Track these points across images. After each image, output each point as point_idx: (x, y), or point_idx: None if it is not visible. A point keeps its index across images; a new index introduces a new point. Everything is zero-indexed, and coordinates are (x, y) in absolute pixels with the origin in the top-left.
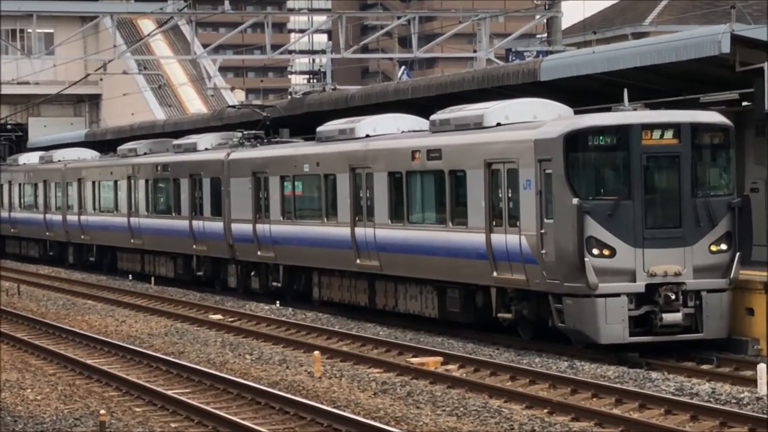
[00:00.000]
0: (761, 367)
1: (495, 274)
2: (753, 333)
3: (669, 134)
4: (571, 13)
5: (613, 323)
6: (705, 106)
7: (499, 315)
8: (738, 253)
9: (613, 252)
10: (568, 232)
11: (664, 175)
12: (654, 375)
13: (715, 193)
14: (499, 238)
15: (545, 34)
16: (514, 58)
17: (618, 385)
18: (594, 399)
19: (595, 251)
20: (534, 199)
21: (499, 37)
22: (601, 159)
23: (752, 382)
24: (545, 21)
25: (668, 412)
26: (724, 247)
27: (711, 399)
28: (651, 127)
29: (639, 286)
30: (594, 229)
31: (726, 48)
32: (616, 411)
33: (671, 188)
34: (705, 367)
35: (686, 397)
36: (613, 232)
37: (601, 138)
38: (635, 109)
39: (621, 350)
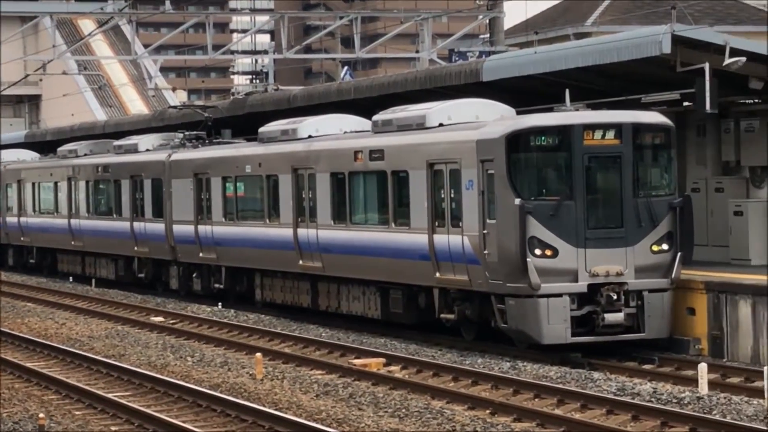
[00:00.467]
0: (702, 366)
1: (438, 274)
2: (694, 333)
3: (611, 134)
4: (513, 14)
5: (555, 323)
6: (646, 107)
7: (442, 316)
8: (679, 253)
9: (555, 252)
10: (511, 233)
11: (605, 175)
12: (596, 375)
13: (656, 193)
14: (441, 239)
15: (488, 35)
16: (456, 58)
17: (560, 386)
18: (536, 399)
19: (538, 251)
20: (476, 200)
21: (442, 38)
22: (543, 159)
23: (693, 381)
24: (488, 21)
25: (610, 412)
26: (665, 247)
27: (652, 399)
28: (593, 127)
29: (581, 286)
30: (536, 229)
31: (667, 48)
32: (558, 411)
33: (613, 188)
34: (646, 367)
35: (628, 397)
36: (555, 233)
37: (543, 138)
38: (577, 110)
39: (563, 350)
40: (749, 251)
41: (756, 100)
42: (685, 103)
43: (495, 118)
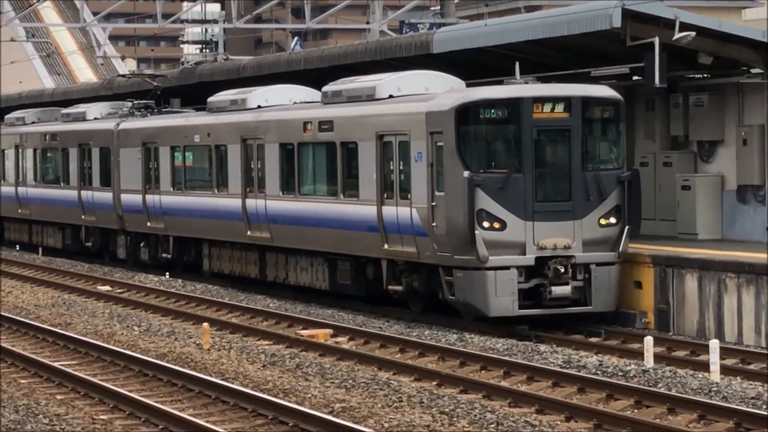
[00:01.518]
0: (648, 339)
1: (386, 246)
2: (641, 306)
3: (560, 108)
4: None
5: (502, 296)
6: (596, 80)
7: (390, 287)
8: (627, 227)
9: (503, 225)
10: (459, 205)
11: (554, 148)
12: (542, 348)
13: (605, 167)
14: (390, 211)
15: (438, 7)
16: (407, 30)
17: (507, 358)
18: (483, 371)
19: (486, 224)
20: (425, 172)
21: (393, 9)
22: (492, 132)
23: (639, 354)
24: None
25: (556, 384)
26: (613, 220)
27: (598, 371)
28: (542, 100)
29: (529, 259)
30: (485, 202)
31: (617, 22)
32: (504, 383)
33: (561, 162)
34: (593, 339)
35: (574, 370)
36: (504, 206)
37: (492, 111)
38: (527, 83)
39: (510, 323)
40: (696, 225)
41: (705, 75)
42: (635, 78)
43: (445, 91)
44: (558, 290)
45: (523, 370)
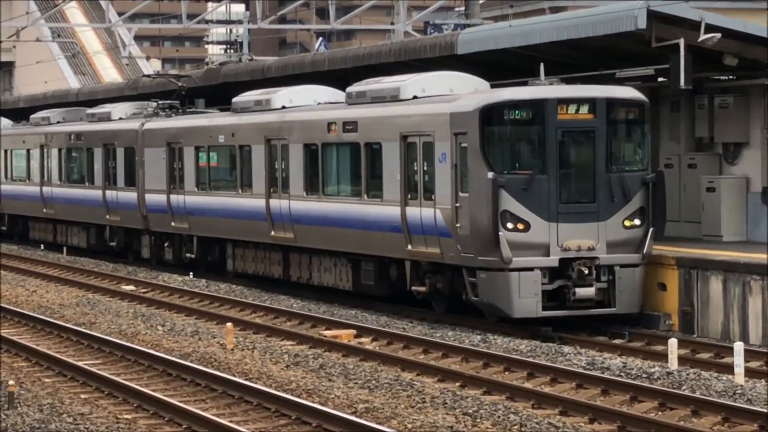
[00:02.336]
0: (672, 341)
1: (409, 247)
2: (665, 308)
3: (584, 109)
4: None
5: (526, 297)
6: (620, 82)
7: (413, 288)
8: (651, 229)
9: (527, 226)
10: (483, 206)
11: (579, 150)
12: (566, 349)
13: (629, 168)
14: (413, 212)
15: (463, 8)
16: (432, 31)
17: (530, 359)
18: (506, 373)
19: (510, 225)
20: (449, 173)
21: (418, 10)
22: (517, 133)
23: (663, 356)
24: None
25: (579, 386)
26: (637, 222)
27: (622, 373)
28: (566, 101)
29: (552, 260)
30: (509, 203)
31: (642, 23)
32: (527, 385)
33: (586, 163)
34: (617, 341)
35: (597, 372)
36: (528, 207)
37: (516, 112)
38: (551, 84)
39: (534, 324)
40: (721, 227)
41: (730, 77)
42: (660, 79)
43: (469, 92)
44: (582, 292)
45: (546, 371)
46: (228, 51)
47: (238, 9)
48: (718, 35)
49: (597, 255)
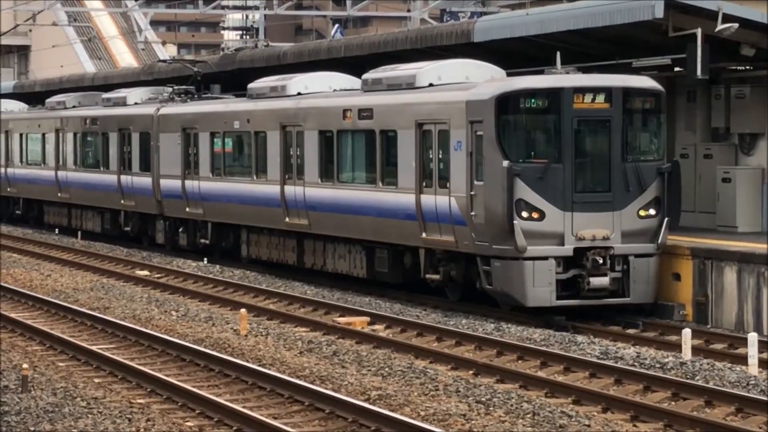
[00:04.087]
0: (686, 332)
1: (424, 235)
2: (679, 298)
3: (600, 98)
4: None
5: (540, 286)
6: (637, 71)
7: (428, 276)
8: (666, 219)
9: (542, 215)
10: (498, 195)
11: (594, 139)
12: (580, 338)
13: (645, 158)
14: (428, 199)
15: None
16: (448, 18)
17: (543, 348)
18: (519, 361)
19: (524, 214)
20: (465, 161)
21: None
22: (532, 122)
23: (677, 347)
24: None
25: (593, 375)
26: (652, 212)
27: (635, 363)
28: (582, 90)
29: (567, 249)
30: (524, 191)
31: (659, 13)
32: (541, 374)
33: (601, 152)
34: (630, 331)
35: (611, 361)
36: (543, 195)
37: (532, 101)
38: (567, 73)
39: (548, 313)
40: (736, 218)
41: (747, 67)
42: (676, 69)
43: (485, 80)
44: (596, 281)
45: (560, 360)
46: (244, 37)
47: None
48: (736, 25)
49: (611, 244)
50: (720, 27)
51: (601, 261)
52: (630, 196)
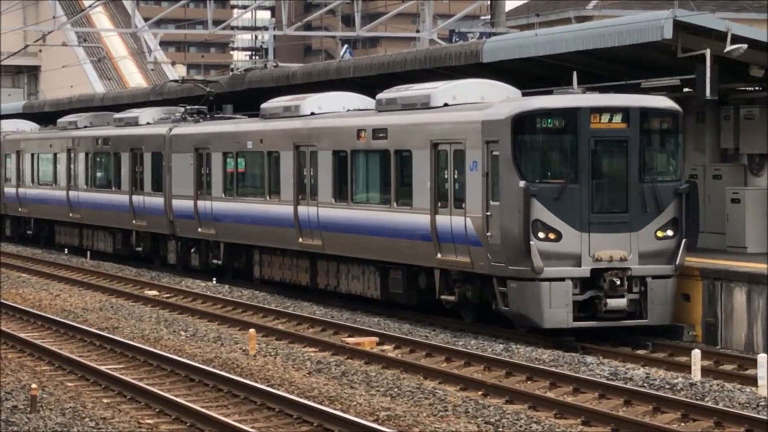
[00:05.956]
0: (695, 353)
1: (439, 255)
2: (689, 319)
3: (618, 118)
4: None
5: (557, 308)
6: (646, 92)
7: (443, 297)
8: (684, 240)
9: (558, 236)
10: (514, 215)
11: (611, 159)
12: (589, 359)
13: (662, 178)
14: (443, 220)
15: (489, 16)
16: (457, 39)
17: (553, 369)
18: (528, 382)
19: (541, 235)
20: (480, 181)
21: (443, 18)
22: (549, 142)
23: (686, 367)
24: (489, 2)
25: (602, 396)
26: (670, 233)
27: (645, 384)
28: (600, 110)
29: (584, 270)
30: (540, 212)
31: (668, 33)
32: (550, 394)
33: (619, 173)
34: (640, 352)
35: (620, 382)
36: (560, 216)
37: (549, 120)
38: (584, 92)
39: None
40: (746, 239)
41: (756, 88)
42: (685, 89)
43: (500, 99)
44: (613, 303)
45: (569, 381)
46: (253, 57)
47: (264, 15)
48: (745, 46)
49: (629, 266)
50: (729, 48)
51: (618, 282)
52: (647, 217)
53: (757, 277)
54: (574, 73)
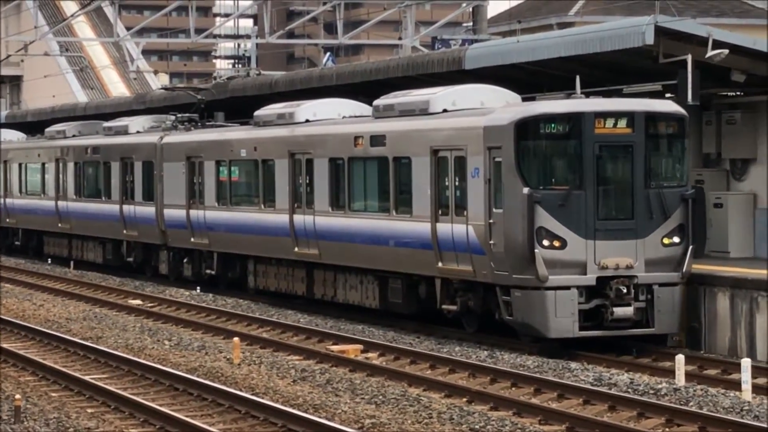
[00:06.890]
0: (679, 358)
1: (440, 264)
2: None
3: (622, 123)
4: (497, 3)
5: (562, 317)
6: (627, 97)
7: (444, 307)
8: (691, 247)
9: (563, 243)
10: (518, 223)
11: (616, 165)
12: (573, 365)
13: (668, 184)
14: (445, 228)
15: (471, 23)
16: (439, 46)
17: (537, 375)
18: (513, 388)
19: (546, 242)
20: (482, 188)
21: (425, 25)
22: (553, 147)
23: (670, 373)
24: (471, 9)
25: (586, 402)
26: (676, 240)
27: (629, 389)
28: (604, 115)
29: (590, 278)
30: (544, 219)
31: (650, 39)
32: (534, 400)
33: (624, 179)
34: (624, 357)
35: (605, 388)
36: (564, 223)
37: (552, 126)
38: (588, 97)
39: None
40: (728, 244)
41: (738, 93)
42: (667, 95)
43: (501, 105)
44: (620, 311)
45: (553, 387)
46: (236, 66)
47: (246, 24)
48: (726, 51)
49: (635, 273)
50: (710, 53)
51: (624, 290)
52: (653, 224)
53: (740, 282)
54: (577, 78)
